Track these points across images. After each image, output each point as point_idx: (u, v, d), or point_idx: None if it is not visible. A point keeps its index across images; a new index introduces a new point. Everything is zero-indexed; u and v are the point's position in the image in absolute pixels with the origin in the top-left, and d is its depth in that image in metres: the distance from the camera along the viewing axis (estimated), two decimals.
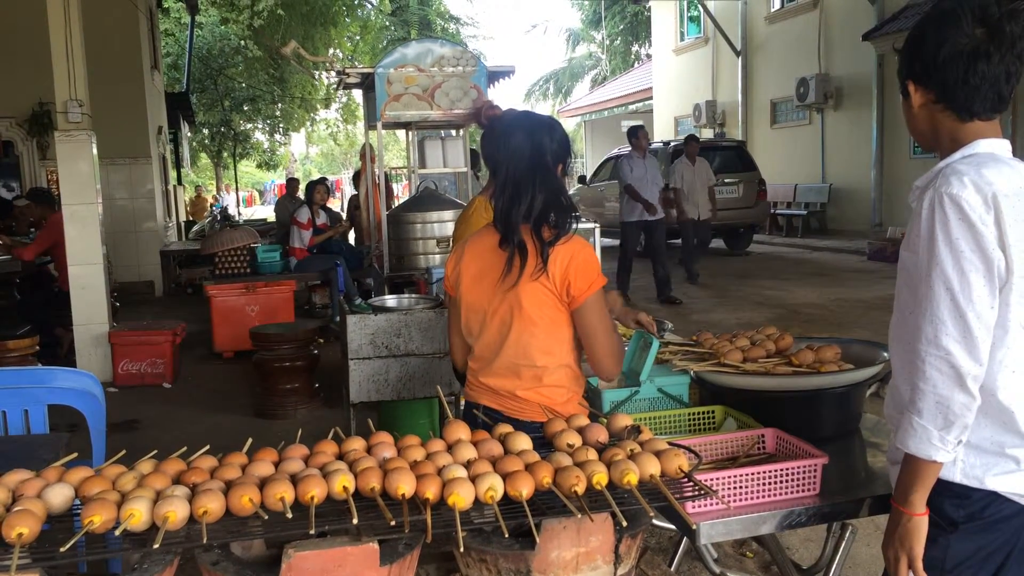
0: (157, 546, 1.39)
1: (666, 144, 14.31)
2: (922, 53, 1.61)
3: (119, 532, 1.42)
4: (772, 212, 15.84)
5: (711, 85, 19.98)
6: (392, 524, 1.47)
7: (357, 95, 16.37)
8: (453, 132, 7.38)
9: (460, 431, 1.84)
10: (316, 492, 1.52)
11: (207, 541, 1.44)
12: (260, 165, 32.01)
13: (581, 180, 16.47)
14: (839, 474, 2.05)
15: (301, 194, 11.11)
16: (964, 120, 1.60)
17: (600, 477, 1.60)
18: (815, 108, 16.38)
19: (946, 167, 1.57)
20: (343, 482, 1.54)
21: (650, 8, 24.00)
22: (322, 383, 6.05)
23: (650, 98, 23.01)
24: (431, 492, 1.54)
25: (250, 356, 6.13)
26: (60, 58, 6.35)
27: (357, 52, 25.52)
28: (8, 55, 10.61)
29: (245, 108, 25.86)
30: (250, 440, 1.83)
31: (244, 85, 25.01)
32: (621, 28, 31.73)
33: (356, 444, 1.78)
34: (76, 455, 1.91)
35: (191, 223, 16.72)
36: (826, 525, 2.68)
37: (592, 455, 1.69)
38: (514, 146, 2.13)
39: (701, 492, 1.65)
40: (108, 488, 1.55)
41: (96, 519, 1.42)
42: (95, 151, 6.55)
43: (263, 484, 1.54)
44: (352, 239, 10.05)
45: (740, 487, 1.86)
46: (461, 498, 1.53)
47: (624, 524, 1.51)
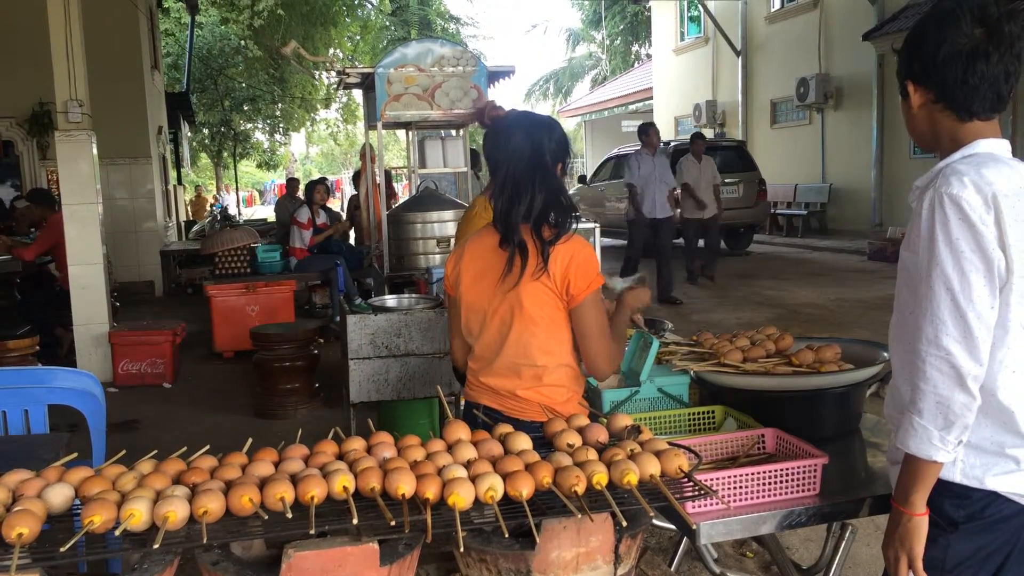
0: (157, 546, 1.39)
1: (666, 144, 14.30)
2: (921, 53, 1.61)
3: (119, 532, 1.42)
4: (772, 212, 15.84)
5: (711, 85, 19.97)
6: (392, 524, 1.47)
7: (357, 95, 16.38)
8: (453, 132, 7.38)
9: (460, 431, 1.84)
10: (316, 492, 1.52)
11: (207, 541, 1.44)
12: (260, 165, 32.02)
13: (581, 180, 16.44)
14: (839, 474, 2.05)
15: (301, 194, 11.09)
16: (963, 120, 1.61)
17: (600, 477, 1.60)
18: (815, 108, 16.37)
19: (946, 167, 1.57)
20: (343, 482, 1.54)
21: (650, 8, 23.98)
22: (322, 383, 6.05)
23: (650, 98, 22.98)
24: (431, 492, 1.54)
25: (250, 356, 6.13)
26: (60, 58, 6.34)
27: (357, 52, 25.53)
28: (8, 55, 10.60)
29: (245, 108, 25.87)
30: (250, 440, 1.83)
31: (244, 85, 25.01)
32: (621, 28, 31.72)
33: (356, 444, 1.78)
34: (76, 455, 1.91)
35: (191, 223, 16.73)
36: (826, 525, 2.68)
37: (592, 455, 1.69)
38: (514, 146, 2.13)
39: (701, 492, 1.65)
40: (108, 488, 1.55)
41: (96, 519, 1.42)
42: (95, 151, 6.54)
43: (263, 484, 1.54)
44: (352, 239, 10.05)
45: (740, 487, 1.86)
46: (461, 498, 1.53)
47: (624, 524, 1.51)
